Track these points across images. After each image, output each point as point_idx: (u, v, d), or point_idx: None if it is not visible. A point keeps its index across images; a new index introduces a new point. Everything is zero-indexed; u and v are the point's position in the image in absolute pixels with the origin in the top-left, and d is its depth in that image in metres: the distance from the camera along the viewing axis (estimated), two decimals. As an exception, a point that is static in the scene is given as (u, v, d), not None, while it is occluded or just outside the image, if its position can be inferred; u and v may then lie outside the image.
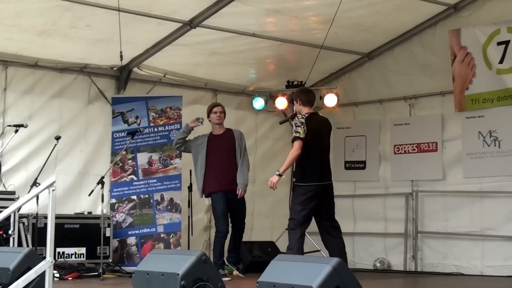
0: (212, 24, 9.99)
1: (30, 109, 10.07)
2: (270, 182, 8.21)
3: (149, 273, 5.92)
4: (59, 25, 9.29)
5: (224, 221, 9.58)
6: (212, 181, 9.67)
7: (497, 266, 10.25)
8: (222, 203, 9.59)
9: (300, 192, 8.18)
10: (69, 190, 10.29)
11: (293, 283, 5.09)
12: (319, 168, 8.24)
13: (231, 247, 9.91)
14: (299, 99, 8.46)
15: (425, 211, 11.17)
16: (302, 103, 8.43)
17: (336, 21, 9.83)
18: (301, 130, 8.14)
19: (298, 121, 8.20)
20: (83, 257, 9.66)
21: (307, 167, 8.19)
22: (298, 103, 8.45)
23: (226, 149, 9.76)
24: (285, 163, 8.22)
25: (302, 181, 8.20)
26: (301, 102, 8.44)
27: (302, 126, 8.15)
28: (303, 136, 8.11)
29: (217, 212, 9.65)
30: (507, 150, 10.26)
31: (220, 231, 9.59)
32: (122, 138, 10.46)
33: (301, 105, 8.44)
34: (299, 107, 8.45)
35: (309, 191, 8.15)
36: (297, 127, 8.18)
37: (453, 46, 10.63)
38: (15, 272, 6.40)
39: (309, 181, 8.17)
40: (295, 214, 8.20)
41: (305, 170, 8.20)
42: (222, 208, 9.59)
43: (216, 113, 9.79)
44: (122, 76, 10.83)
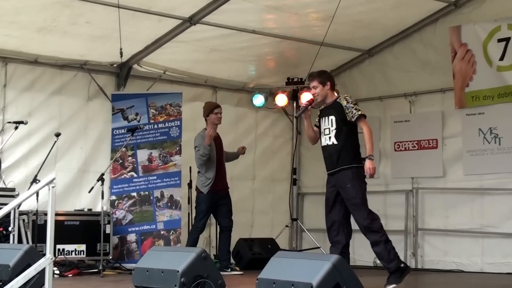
0: (212, 20, 9.98)
1: (30, 106, 10.07)
2: (370, 169, 7.40)
3: (149, 270, 5.92)
4: (58, 21, 9.29)
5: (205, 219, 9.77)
6: (217, 179, 9.75)
7: (497, 263, 10.25)
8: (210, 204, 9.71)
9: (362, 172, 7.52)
10: (69, 187, 10.29)
11: (293, 280, 5.09)
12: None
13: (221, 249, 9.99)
14: (330, 82, 7.72)
15: (425, 208, 11.17)
16: (331, 87, 7.73)
17: (336, 18, 9.82)
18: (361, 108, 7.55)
19: (352, 100, 7.60)
20: (83, 254, 9.66)
21: (358, 148, 7.63)
22: (328, 87, 7.68)
23: (221, 150, 9.90)
24: (370, 143, 7.46)
25: (360, 162, 7.57)
26: (330, 86, 7.71)
27: (358, 105, 7.57)
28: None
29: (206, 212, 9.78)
30: (507, 147, 10.26)
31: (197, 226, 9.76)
32: (122, 135, 10.45)
33: (329, 89, 7.70)
34: (326, 91, 7.69)
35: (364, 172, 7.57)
36: (355, 105, 7.56)
37: (454, 43, 10.62)
38: (15, 269, 6.39)
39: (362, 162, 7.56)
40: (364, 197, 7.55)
41: (358, 151, 7.62)
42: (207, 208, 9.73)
43: (217, 114, 9.79)
44: (122, 73, 10.83)
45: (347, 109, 7.55)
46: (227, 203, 9.86)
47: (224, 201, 9.82)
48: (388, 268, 7.63)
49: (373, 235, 7.61)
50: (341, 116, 7.56)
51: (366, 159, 7.47)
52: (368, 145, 7.48)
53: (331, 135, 7.61)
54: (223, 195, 9.80)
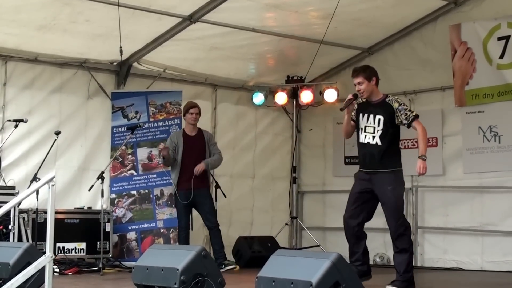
0: (212, 19, 9.98)
1: (30, 104, 10.07)
2: (421, 168, 7.35)
3: (149, 268, 5.92)
4: (58, 20, 9.28)
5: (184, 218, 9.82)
6: (182, 179, 9.76)
7: (497, 261, 10.25)
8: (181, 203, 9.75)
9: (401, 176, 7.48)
10: (69, 185, 10.29)
11: (292, 278, 5.09)
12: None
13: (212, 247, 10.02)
14: (376, 78, 7.45)
15: (425, 206, 11.17)
16: (376, 83, 7.46)
17: (336, 16, 9.82)
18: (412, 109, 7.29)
19: (403, 102, 7.43)
20: (83, 252, 9.66)
21: (400, 152, 7.60)
22: (373, 82, 7.43)
23: (197, 150, 9.83)
24: (423, 144, 7.44)
25: (401, 165, 7.52)
26: (376, 81, 7.45)
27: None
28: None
29: (179, 211, 9.86)
30: (507, 145, 10.26)
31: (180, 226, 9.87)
32: (122, 133, 10.45)
33: (375, 85, 7.45)
34: (373, 86, 7.43)
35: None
36: (408, 107, 7.46)
37: (454, 41, 10.62)
38: (15, 267, 6.40)
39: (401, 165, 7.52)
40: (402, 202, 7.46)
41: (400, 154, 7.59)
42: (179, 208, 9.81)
43: (192, 114, 9.84)
44: (122, 71, 10.83)
45: (399, 112, 7.43)
46: (205, 202, 9.84)
47: (201, 200, 9.81)
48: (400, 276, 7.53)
49: (403, 242, 7.47)
50: (390, 118, 7.43)
51: (419, 158, 7.41)
52: (421, 145, 7.45)
53: (376, 135, 7.48)
54: (197, 194, 9.73)
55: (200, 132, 9.98)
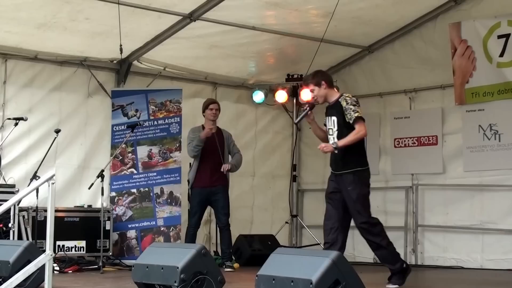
0: (212, 17, 9.98)
1: (30, 102, 10.07)
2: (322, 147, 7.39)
3: (148, 266, 5.92)
4: (58, 18, 9.28)
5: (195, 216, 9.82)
6: (200, 176, 9.77)
7: (497, 259, 10.26)
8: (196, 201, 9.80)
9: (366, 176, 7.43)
10: (69, 183, 10.29)
11: (292, 277, 5.09)
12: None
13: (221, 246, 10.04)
14: (325, 81, 7.44)
15: (425, 204, 11.17)
16: (328, 84, 7.46)
17: (336, 14, 9.81)
18: (360, 110, 7.28)
19: (353, 100, 7.32)
20: (83, 250, 9.66)
21: (363, 150, 7.49)
22: (324, 87, 7.42)
23: (216, 148, 9.79)
24: (349, 140, 7.26)
25: (365, 165, 7.44)
26: (326, 84, 7.44)
27: (358, 105, 7.30)
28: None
29: (192, 208, 9.87)
30: (507, 143, 10.26)
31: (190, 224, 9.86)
32: (122, 131, 10.45)
33: (327, 88, 7.44)
34: (325, 90, 7.44)
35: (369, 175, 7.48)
36: (355, 106, 7.29)
37: (454, 39, 10.62)
38: (15, 265, 6.41)
39: (367, 165, 7.47)
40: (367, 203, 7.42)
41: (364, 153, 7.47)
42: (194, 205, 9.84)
43: (212, 110, 9.83)
44: (122, 69, 10.82)
45: (346, 111, 7.34)
46: (220, 199, 9.82)
47: (217, 197, 9.81)
48: (392, 270, 7.57)
49: (375, 239, 7.49)
50: (342, 117, 7.37)
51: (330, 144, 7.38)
52: (346, 137, 7.29)
53: (334, 136, 7.45)
54: (215, 191, 9.77)
55: (219, 130, 9.95)
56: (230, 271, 9.40)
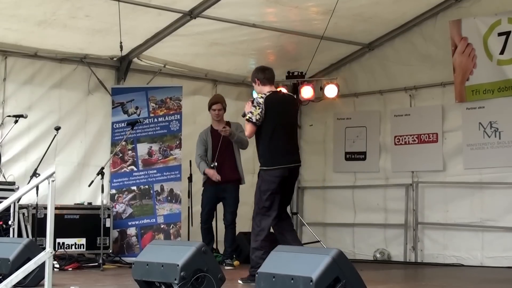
0: (212, 14, 9.97)
1: (29, 100, 10.06)
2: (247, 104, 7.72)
3: (149, 264, 5.92)
4: (58, 15, 9.27)
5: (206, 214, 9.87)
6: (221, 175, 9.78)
7: (497, 257, 10.25)
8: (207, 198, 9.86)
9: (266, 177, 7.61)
10: (69, 181, 10.29)
11: (292, 274, 5.08)
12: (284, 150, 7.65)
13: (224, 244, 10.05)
14: (257, 79, 7.75)
15: (425, 202, 11.17)
16: (261, 82, 7.76)
17: (336, 11, 9.81)
18: (255, 112, 7.50)
19: (256, 102, 7.57)
20: (83, 247, 9.66)
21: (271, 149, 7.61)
22: (257, 84, 7.75)
23: (225, 144, 9.78)
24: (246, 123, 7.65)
25: (268, 165, 7.64)
26: (259, 81, 7.74)
27: (258, 108, 7.49)
28: (255, 119, 7.49)
29: (203, 205, 9.93)
30: (507, 141, 10.25)
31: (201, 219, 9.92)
32: (122, 128, 10.44)
33: (260, 85, 7.75)
34: (259, 87, 7.75)
35: (277, 176, 7.55)
36: (252, 107, 7.55)
37: (454, 37, 10.61)
38: (15, 262, 6.40)
39: (276, 165, 7.57)
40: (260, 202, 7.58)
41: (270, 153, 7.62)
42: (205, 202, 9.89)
43: (214, 110, 9.85)
44: (122, 66, 10.81)
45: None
46: (229, 197, 9.81)
47: (226, 195, 9.81)
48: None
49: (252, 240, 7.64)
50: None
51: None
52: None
53: None
54: (225, 189, 9.76)
55: (227, 125, 9.88)
56: (230, 269, 9.40)
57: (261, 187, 7.61)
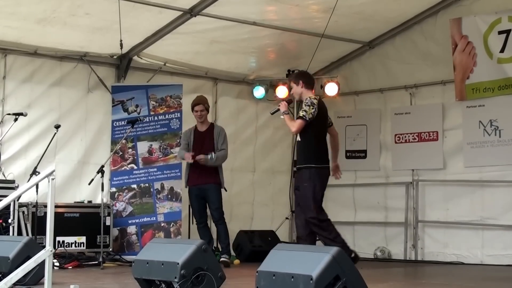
0: (213, 12, 9.96)
1: (29, 98, 10.05)
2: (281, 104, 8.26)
3: (149, 262, 5.91)
4: (58, 13, 9.26)
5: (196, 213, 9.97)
6: (192, 174, 9.85)
7: (497, 255, 10.26)
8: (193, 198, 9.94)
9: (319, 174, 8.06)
10: (69, 179, 10.28)
11: (292, 272, 5.08)
12: (327, 151, 8.24)
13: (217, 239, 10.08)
14: (302, 81, 8.21)
15: (426, 200, 11.17)
16: (305, 85, 8.21)
17: (337, 9, 9.80)
18: (309, 111, 7.95)
19: (309, 101, 7.99)
20: (83, 246, 9.66)
21: (321, 149, 8.11)
22: (300, 86, 8.19)
23: (205, 146, 9.83)
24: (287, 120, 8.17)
25: (319, 163, 8.07)
26: (304, 84, 8.21)
27: (311, 107, 7.94)
28: (308, 118, 7.95)
29: (192, 206, 10.05)
30: (507, 139, 10.26)
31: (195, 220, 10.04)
32: (122, 126, 10.44)
33: (303, 88, 8.20)
34: (301, 89, 8.21)
35: (327, 174, 8.15)
36: (306, 106, 7.98)
37: (454, 35, 10.60)
38: (14, 261, 6.40)
39: (326, 163, 8.14)
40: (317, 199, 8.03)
41: (321, 152, 8.10)
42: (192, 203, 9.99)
43: (197, 112, 9.89)
44: (122, 64, 10.81)
45: (300, 108, 8.05)
46: (210, 195, 9.84)
47: (208, 194, 9.85)
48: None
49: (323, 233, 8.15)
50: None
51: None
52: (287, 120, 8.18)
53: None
54: (205, 188, 9.81)
55: (211, 127, 9.95)
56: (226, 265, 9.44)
57: (316, 183, 8.03)
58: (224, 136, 9.91)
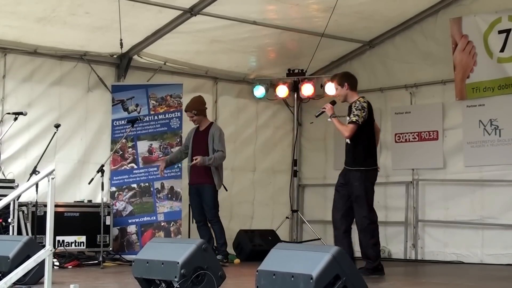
0: (213, 11, 9.96)
1: (29, 97, 10.05)
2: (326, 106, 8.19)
3: (149, 261, 5.91)
4: (58, 12, 9.26)
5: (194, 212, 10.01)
6: (193, 173, 9.90)
7: (497, 254, 10.27)
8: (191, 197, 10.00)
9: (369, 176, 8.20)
10: (68, 178, 10.27)
11: (293, 272, 5.08)
12: (375, 152, 8.37)
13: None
14: (347, 83, 8.19)
15: (426, 199, 11.17)
16: (350, 87, 8.20)
17: (337, 9, 9.80)
18: (360, 115, 8.00)
19: (360, 105, 8.02)
20: (83, 245, 9.65)
21: (372, 152, 8.21)
22: (345, 88, 8.18)
23: (201, 146, 9.86)
24: (337, 124, 8.10)
25: (370, 165, 8.20)
26: (349, 86, 8.19)
27: (363, 111, 8.01)
28: (360, 122, 8.00)
29: (191, 205, 10.12)
30: (507, 138, 10.26)
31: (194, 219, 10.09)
32: (122, 126, 10.44)
33: (349, 90, 8.19)
34: (346, 91, 8.19)
35: (376, 175, 8.29)
36: (357, 110, 8.01)
37: (454, 35, 10.60)
38: (14, 260, 6.39)
39: (375, 165, 8.28)
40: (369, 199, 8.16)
41: (372, 154, 8.22)
42: (191, 201, 10.04)
43: (188, 117, 9.98)
44: (122, 63, 10.80)
45: (351, 112, 8.06)
46: (204, 195, 9.85)
47: (203, 193, 9.86)
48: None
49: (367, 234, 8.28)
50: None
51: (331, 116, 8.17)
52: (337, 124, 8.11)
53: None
54: (201, 188, 9.84)
55: (208, 127, 9.95)
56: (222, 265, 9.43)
57: (367, 185, 8.17)
58: (219, 136, 9.87)
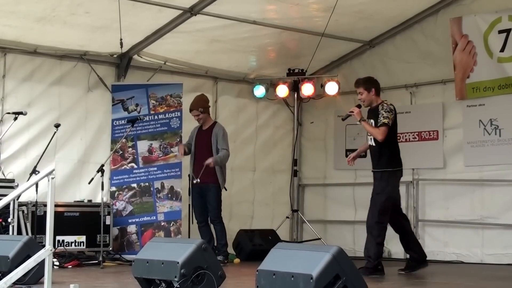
0: (213, 11, 9.96)
1: (29, 97, 10.05)
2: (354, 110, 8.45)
3: (149, 261, 5.91)
4: (58, 11, 9.25)
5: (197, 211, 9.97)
6: (194, 173, 9.89)
7: (497, 254, 10.27)
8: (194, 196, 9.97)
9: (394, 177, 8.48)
10: (68, 178, 10.27)
11: (293, 271, 5.08)
12: (399, 154, 8.56)
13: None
14: (374, 88, 8.51)
15: (426, 199, 11.16)
16: (376, 92, 8.51)
17: (337, 8, 9.80)
18: (390, 116, 8.28)
19: (388, 107, 8.32)
20: (83, 245, 9.65)
21: (396, 152, 8.47)
22: (372, 93, 8.48)
23: (205, 144, 9.86)
24: (368, 127, 8.38)
25: (394, 166, 8.45)
26: (375, 91, 8.50)
27: (391, 114, 8.30)
28: (390, 124, 8.27)
29: (193, 204, 10.09)
30: (507, 138, 10.25)
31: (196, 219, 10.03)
32: (122, 125, 10.43)
33: (375, 95, 8.50)
34: (373, 97, 8.50)
35: (401, 176, 8.55)
36: (387, 113, 8.29)
37: (455, 34, 10.60)
38: (14, 260, 6.40)
39: (400, 166, 8.50)
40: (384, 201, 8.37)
41: (397, 155, 8.47)
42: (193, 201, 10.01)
43: (193, 116, 9.94)
44: (122, 63, 10.80)
45: (380, 115, 8.31)
46: (208, 195, 9.85)
47: (207, 193, 9.86)
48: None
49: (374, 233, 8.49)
50: (376, 121, 8.36)
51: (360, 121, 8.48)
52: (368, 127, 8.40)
53: (371, 137, 8.47)
54: (205, 188, 9.83)
55: (212, 126, 9.96)
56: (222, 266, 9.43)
57: (389, 186, 8.44)
58: (222, 135, 9.90)
